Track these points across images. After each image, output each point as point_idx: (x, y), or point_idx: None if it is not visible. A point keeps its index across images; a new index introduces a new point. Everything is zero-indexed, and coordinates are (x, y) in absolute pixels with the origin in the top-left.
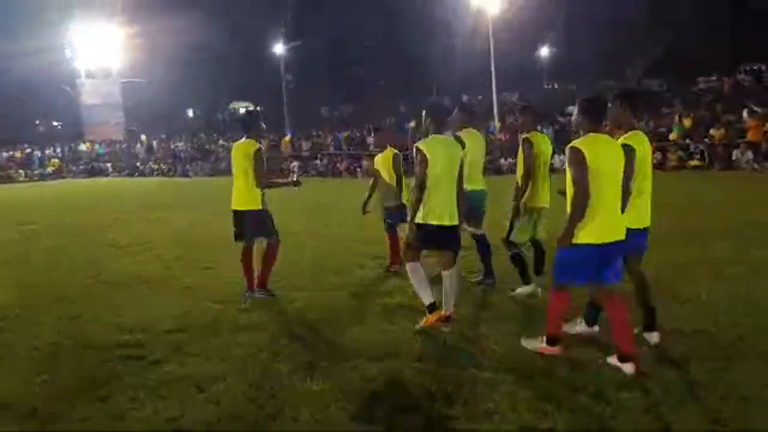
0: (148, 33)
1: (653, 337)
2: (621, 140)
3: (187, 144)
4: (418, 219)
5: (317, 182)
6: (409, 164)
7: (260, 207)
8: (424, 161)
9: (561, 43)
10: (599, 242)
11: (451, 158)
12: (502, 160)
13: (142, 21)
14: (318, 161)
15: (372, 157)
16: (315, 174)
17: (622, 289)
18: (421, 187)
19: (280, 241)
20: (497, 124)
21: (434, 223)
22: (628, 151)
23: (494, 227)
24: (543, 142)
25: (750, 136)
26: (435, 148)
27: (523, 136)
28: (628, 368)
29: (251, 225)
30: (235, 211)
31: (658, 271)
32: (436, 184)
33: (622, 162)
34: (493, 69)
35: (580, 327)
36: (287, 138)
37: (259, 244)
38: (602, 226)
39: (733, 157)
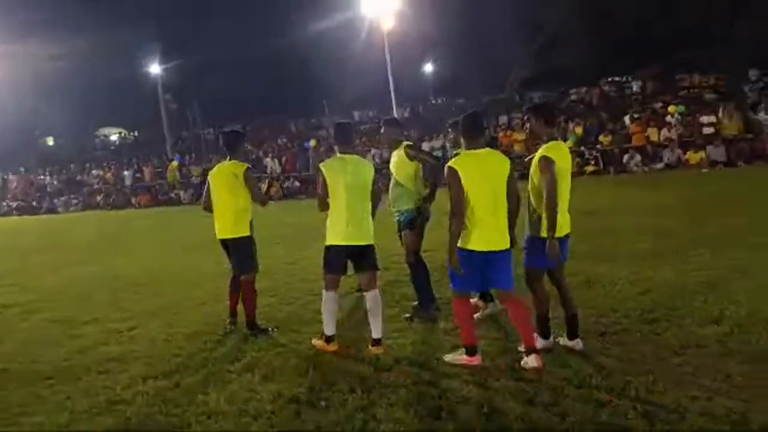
0: None
1: (578, 344)
2: (540, 152)
3: (54, 176)
4: (327, 241)
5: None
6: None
7: (249, 233)
8: (324, 182)
9: (443, 58)
10: (482, 249)
11: (355, 177)
12: None
13: None
14: None
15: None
16: None
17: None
18: (321, 207)
19: (257, 272)
20: None
21: (342, 243)
22: (547, 162)
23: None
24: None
25: (635, 140)
26: (334, 168)
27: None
28: (532, 360)
29: (237, 254)
30: (224, 240)
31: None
32: (339, 203)
33: (504, 175)
34: (391, 82)
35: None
36: (175, 164)
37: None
38: (484, 236)
39: (624, 161)
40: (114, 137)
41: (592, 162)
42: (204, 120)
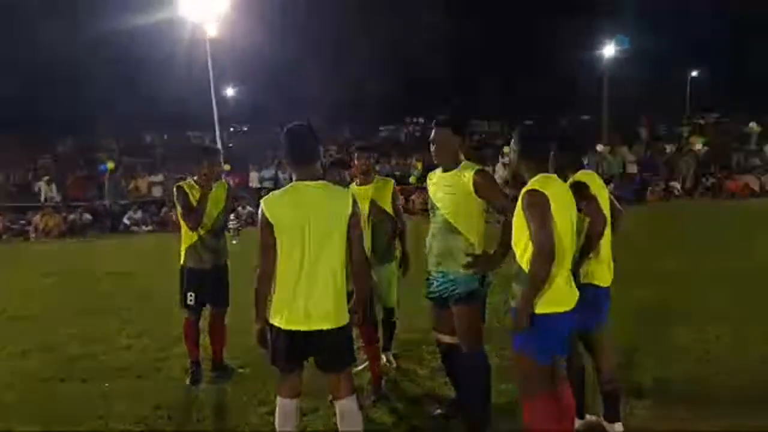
0: None
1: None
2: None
3: None
4: (272, 319)
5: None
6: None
7: (181, 262)
8: (267, 227)
9: (247, 83)
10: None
11: (317, 216)
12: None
13: None
14: None
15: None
16: None
17: None
18: (264, 264)
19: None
20: (227, 167)
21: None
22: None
23: None
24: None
25: None
26: (283, 206)
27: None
28: None
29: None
30: None
31: None
32: (291, 261)
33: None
34: (213, 101)
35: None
36: None
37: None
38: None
39: None
40: None
41: None
42: None
